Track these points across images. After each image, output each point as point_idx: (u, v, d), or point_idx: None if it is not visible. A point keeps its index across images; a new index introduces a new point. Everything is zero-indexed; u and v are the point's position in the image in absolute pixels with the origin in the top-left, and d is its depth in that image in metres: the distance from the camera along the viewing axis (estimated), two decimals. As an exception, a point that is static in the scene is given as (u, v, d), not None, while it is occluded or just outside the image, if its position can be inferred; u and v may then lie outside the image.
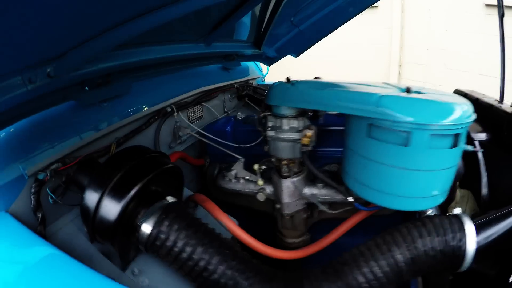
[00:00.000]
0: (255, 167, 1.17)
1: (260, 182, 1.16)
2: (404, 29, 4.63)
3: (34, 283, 0.65)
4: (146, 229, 0.72)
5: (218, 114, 1.78)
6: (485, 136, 1.34)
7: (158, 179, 0.80)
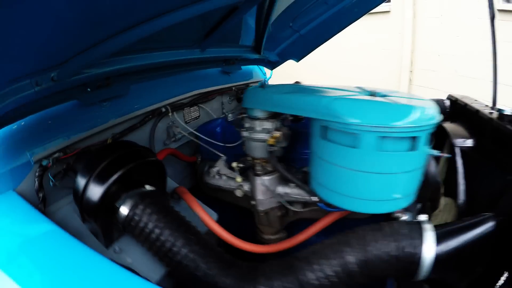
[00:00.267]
0: (233, 164, 1.28)
1: (239, 179, 1.27)
2: (416, 34, 4.59)
3: (34, 252, 0.76)
4: (124, 211, 0.85)
5: (215, 115, 1.90)
6: (465, 142, 1.32)
7: (140, 169, 0.93)
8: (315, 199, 1.13)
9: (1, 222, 0.80)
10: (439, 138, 1.56)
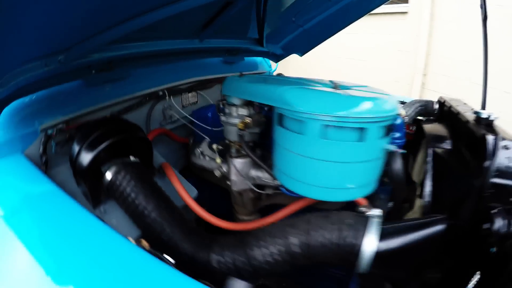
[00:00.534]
0: (214, 146, 1.42)
1: (218, 160, 1.38)
2: (432, 37, 4.48)
3: (34, 207, 0.87)
4: (108, 176, 1.00)
5: (213, 102, 2.03)
6: (440, 145, 1.32)
7: (127, 143, 1.08)
8: (276, 182, 1.22)
9: (8, 179, 0.96)
10: (419, 138, 1.61)
